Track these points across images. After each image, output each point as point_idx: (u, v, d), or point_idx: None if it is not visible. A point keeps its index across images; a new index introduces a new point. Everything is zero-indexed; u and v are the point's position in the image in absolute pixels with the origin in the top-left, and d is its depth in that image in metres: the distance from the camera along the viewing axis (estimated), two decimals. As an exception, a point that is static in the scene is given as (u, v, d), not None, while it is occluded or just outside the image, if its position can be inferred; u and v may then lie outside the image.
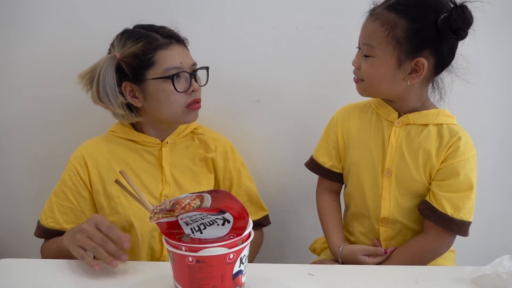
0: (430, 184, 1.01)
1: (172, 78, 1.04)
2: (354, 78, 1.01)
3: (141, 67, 1.04)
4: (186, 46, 1.10)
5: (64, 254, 0.95)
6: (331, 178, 1.14)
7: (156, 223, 0.77)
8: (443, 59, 0.94)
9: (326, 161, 1.13)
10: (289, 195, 1.39)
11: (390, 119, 1.03)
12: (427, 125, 1.00)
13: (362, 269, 0.94)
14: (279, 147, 1.38)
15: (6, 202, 1.41)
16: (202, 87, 1.11)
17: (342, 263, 1.05)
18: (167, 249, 0.77)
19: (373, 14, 0.94)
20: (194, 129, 1.19)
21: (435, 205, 0.98)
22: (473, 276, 0.86)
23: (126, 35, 1.06)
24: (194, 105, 1.08)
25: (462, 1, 0.89)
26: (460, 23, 0.87)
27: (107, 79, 1.04)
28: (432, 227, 1.00)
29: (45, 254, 1.09)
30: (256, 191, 1.23)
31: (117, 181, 0.89)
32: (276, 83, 1.32)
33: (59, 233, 1.06)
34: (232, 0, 1.26)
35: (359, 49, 0.99)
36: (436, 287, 0.86)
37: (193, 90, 1.07)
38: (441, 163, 0.99)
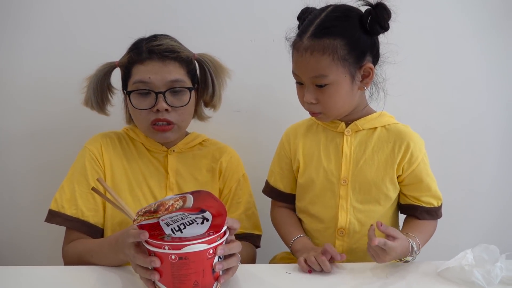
0: (398, 183, 1.04)
1: (128, 93, 1.05)
2: (311, 113, 1.02)
3: (124, 77, 1.08)
4: (172, 63, 1.05)
5: (99, 258, 0.94)
6: (287, 200, 1.15)
7: (138, 225, 0.80)
8: (378, 54, 1.00)
9: (285, 187, 1.14)
10: (269, 202, 1.43)
11: (339, 130, 1.05)
12: (375, 128, 1.04)
13: (336, 266, 0.98)
14: (261, 155, 1.42)
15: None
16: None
17: (292, 252, 1.04)
18: (148, 250, 0.79)
19: (304, 48, 0.94)
20: (203, 141, 1.19)
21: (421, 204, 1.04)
22: (439, 270, 0.91)
23: (132, 44, 1.08)
24: (157, 126, 1.05)
25: (375, 1, 0.95)
26: (386, 16, 0.94)
27: (97, 85, 1.07)
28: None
29: (70, 255, 1.05)
30: (253, 207, 1.18)
31: (94, 189, 0.90)
32: (255, 92, 1.37)
33: (80, 221, 1.05)
34: (211, 14, 1.32)
35: (300, 84, 1.00)
36: (406, 281, 0.91)
37: (158, 110, 1.03)
38: (402, 170, 1.02)
